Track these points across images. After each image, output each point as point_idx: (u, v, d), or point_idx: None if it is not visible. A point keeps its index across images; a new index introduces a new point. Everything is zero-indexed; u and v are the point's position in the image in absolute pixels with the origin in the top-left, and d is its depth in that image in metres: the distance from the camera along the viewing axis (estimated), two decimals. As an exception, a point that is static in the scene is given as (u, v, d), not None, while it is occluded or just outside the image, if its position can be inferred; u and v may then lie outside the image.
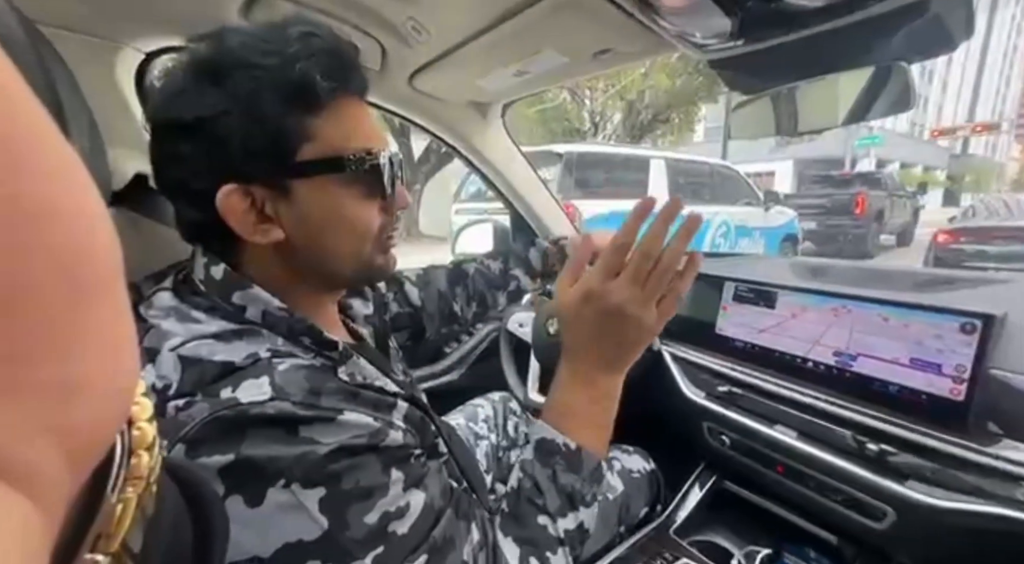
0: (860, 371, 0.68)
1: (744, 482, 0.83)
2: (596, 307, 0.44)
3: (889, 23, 0.48)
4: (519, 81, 0.76)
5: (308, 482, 0.32)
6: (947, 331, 0.61)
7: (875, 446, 0.61)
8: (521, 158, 1.13)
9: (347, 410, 0.35)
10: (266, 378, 0.34)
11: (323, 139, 0.38)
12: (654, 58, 0.69)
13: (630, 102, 9.75)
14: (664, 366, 0.93)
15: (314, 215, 0.39)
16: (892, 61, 0.52)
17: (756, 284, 0.84)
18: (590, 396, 0.47)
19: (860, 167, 15.29)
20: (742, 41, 0.56)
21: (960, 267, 4.55)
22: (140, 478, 0.14)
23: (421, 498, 0.37)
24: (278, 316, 0.39)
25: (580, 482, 0.45)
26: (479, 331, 1.26)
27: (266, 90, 0.35)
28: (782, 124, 0.70)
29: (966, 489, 0.54)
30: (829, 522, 0.71)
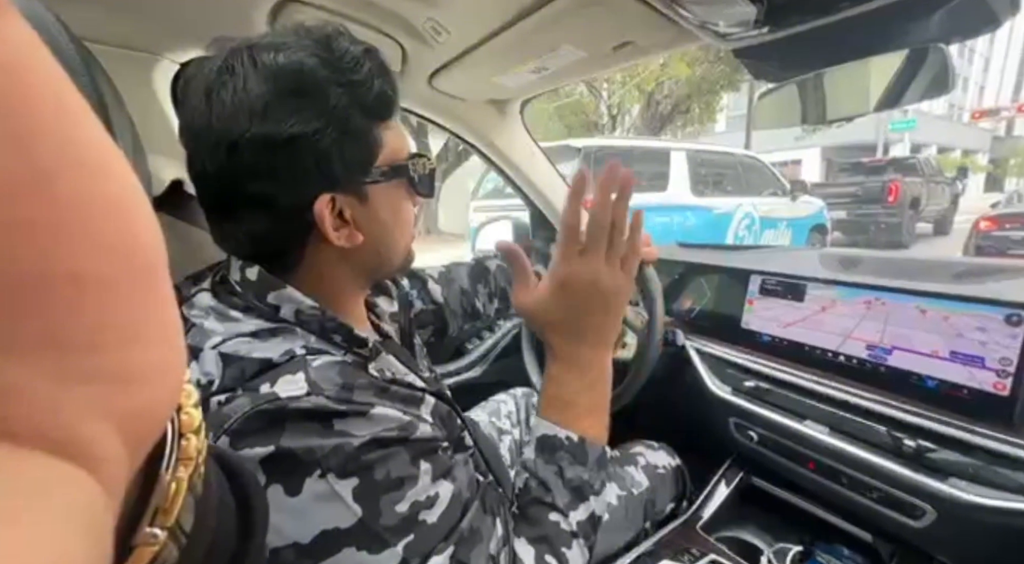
0: (896, 365, 0.66)
1: (773, 478, 0.81)
2: (571, 290, 0.46)
3: (926, 3, 0.46)
4: (537, 78, 0.75)
5: (343, 473, 0.33)
6: (991, 322, 0.58)
7: (912, 442, 0.59)
8: (540, 154, 1.13)
9: (378, 404, 0.37)
10: (302, 374, 0.35)
11: (389, 147, 0.42)
12: (677, 50, 0.68)
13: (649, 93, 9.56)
14: (689, 361, 0.92)
15: (382, 216, 0.43)
16: (929, 43, 0.49)
17: (783, 277, 0.82)
18: (584, 383, 0.48)
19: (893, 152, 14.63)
20: (767, 28, 0.54)
21: (1004, 255, 4.31)
22: (190, 459, 0.15)
23: (449, 489, 0.38)
24: (310, 315, 0.41)
25: (587, 472, 0.45)
26: (501, 327, 1.26)
27: (355, 106, 0.38)
28: (809, 112, 0.68)
29: (1012, 487, 0.52)
30: (864, 520, 0.69)
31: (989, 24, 0.48)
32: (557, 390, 0.48)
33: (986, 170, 25.71)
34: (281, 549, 0.33)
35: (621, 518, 0.73)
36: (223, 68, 0.37)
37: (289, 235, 0.41)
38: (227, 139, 0.36)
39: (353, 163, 0.40)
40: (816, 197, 5.78)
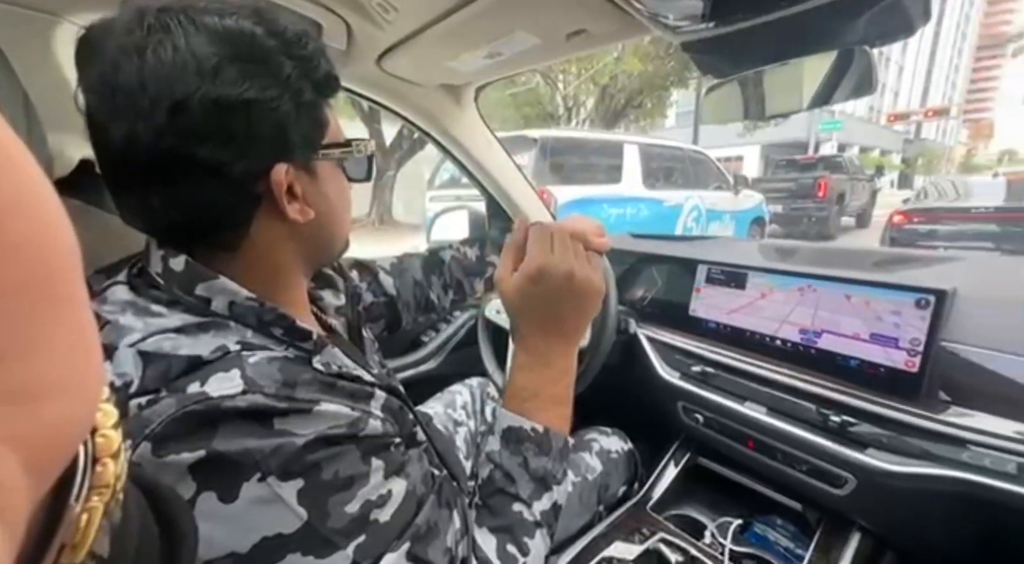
0: (824, 347, 0.71)
1: (717, 457, 0.86)
2: (551, 280, 0.47)
3: (854, 7, 0.49)
4: (492, 63, 0.74)
5: (285, 474, 0.31)
6: (904, 306, 0.64)
7: (837, 418, 0.64)
8: (495, 143, 1.11)
9: (323, 401, 0.35)
10: (236, 371, 0.33)
11: (333, 126, 0.42)
12: (628, 40, 0.68)
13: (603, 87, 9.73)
14: (640, 349, 0.95)
15: (330, 195, 0.43)
16: (856, 45, 0.53)
17: (728, 266, 0.86)
18: (550, 375, 0.49)
19: (823, 151, 15.84)
20: (713, 23, 0.56)
21: (913, 247, 4.80)
22: (106, 487, 0.13)
23: (403, 485, 0.37)
24: (247, 306, 0.38)
25: (551, 463, 0.46)
26: (456, 319, 1.25)
27: (306, 80, 0.38)
28: (750, 108, 0.72)
29: (917, 454, 0.58)
30: (795, 491, 0.74)
31: (906, 30, 0.51)
32: (524, 380, 0.49)
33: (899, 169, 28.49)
34: (216, 561, 0.31)
35: (576, 503, 0.75)
36: (154, 27, 0.33)
37: (236, 207, 0.38)
38: (170, 98, 0.33)
39: (306, 137, 0.39)
40: (756, 191, 6.15)
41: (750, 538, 0.75)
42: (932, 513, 0.59)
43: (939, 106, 31.15)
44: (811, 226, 7.66)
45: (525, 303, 0.48)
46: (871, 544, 0.67)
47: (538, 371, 0.48)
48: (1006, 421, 0.55)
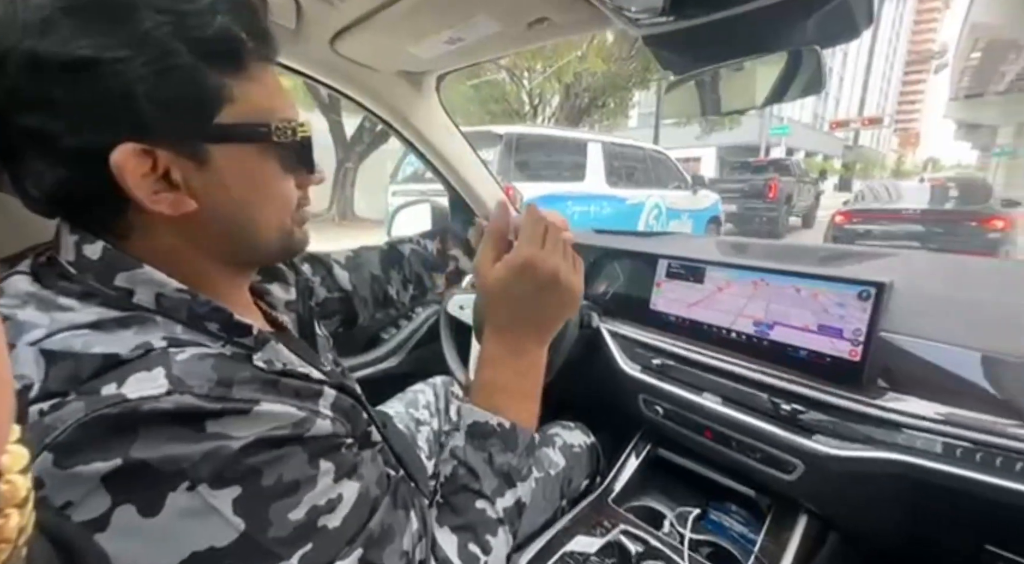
0: (776, 338, 0.74)
1: (676, 448, 0.88)
2: (534, 276, 0.45)
3: (803, 7, 0.51)
4: (453, 50, 0.71)
5: (219, 481, 0.29)
6: (847, 299, 0.67)
7: (788, 406, 0.67)
8: (459, 135, 1.09)
9: (265, 400, 0.32)
10: (161, 369, 0.29)
11: (246, 103, 0.35)
12: (591, 31, 0.68)
13: (568, 85, 9.84)
14: (603, 343, 0.96)
15: (236, 185, 0.36)
16: (807, 45, 0.55)
17: (687, 260, 0.88)
18: (519, 369, 0.47)
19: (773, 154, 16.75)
20: (672, 17, 0.56)
21: (853, 244, 5.15)
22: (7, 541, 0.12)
23: (355, 488, 0.35)
24: (176, 299, 0.34)
25: (516, 459, 0.45)
26: (418, 315, 1.22)
27: (179, 39, 0.31)
28: (707, 105, 0.73)
29: (858, 438, 0.61)
30: (749, 478, 0.77)
31: (851, 32, 0.54)
32: (493, 374, 0.47)
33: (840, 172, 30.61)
34: None
35: (539, 499, 0.74)
36: None
37: (88, 190, 0.33)
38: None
39: (178, 111, 0.32)
40: (713, 191, 6.41)
41: (707, 526, 0.77)
42: (870, 493, 0.63)
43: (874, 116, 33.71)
44: (763, 225, 8.08)
45: (505, 294, 0.47)
46: (817, 526, 0.71)
47: (509, 364, 0.47)
48: (934, 404, 0.59)
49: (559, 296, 0.47)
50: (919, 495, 0.57)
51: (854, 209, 5.72)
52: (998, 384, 0.57)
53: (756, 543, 0.70)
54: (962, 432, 0.55)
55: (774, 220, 8.09)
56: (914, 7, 52.76)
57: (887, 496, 0.61)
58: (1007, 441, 0.52)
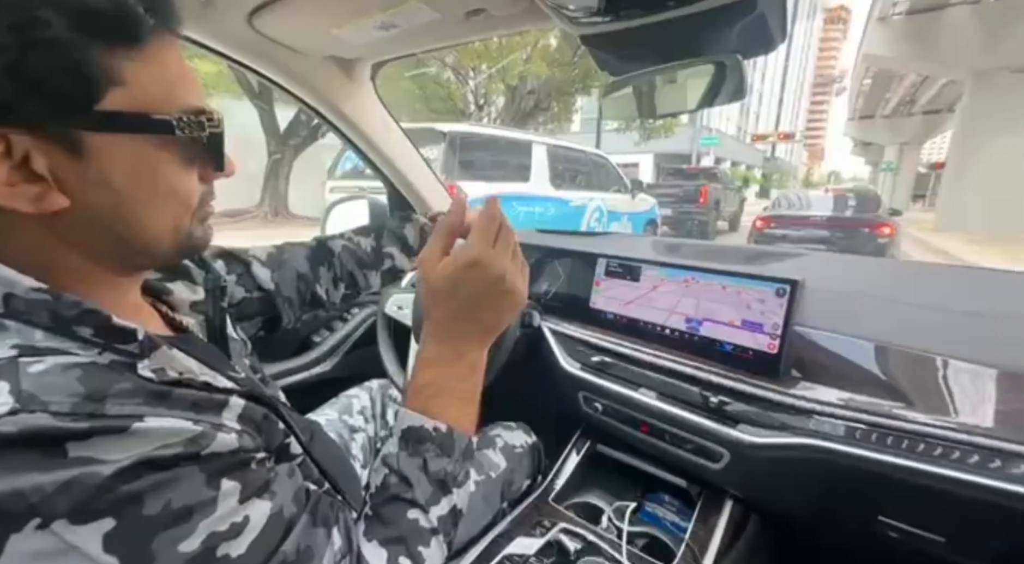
0: (705, 334, 0.78)
1: (615, 443, 0.90)
2: (481, 276, 0.44)
3: (728, 17, 0.53)
4: (387, 37, 0.68)
5: (82, 515, 0.24)
6: (767, 295, 0.72)
7: (715, 398, 0.70)
8: (398, 129, 1.04)
9: (150, 415, 0.28)
10: (5, 385, 0.25)
11: (139, 87, 0.31)
12: (531, 27, 0.67)
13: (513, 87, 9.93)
14: (544, 341, 0.96)
15: (123, 181, 0.32)
16: (730, 53, 0.57)
17: (624, 259, 0.90)
18: (459, 372, 0.46)
19: (704, 162, 18.00)
20: (609, 18, 0.57)
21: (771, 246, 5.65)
22: None
23: (265, 508, 0.32)
24: (32, 301, 0.29)
25: (452, 464, 0.43)
26: (354, 316, 1.15)
27: (52, 8, 0.27)
28: (644, 109, 0.76)
29: (776, 426, 0.66)
30: (681, 469, 0.81)
31: (769, 44, 0.57)
32: (431, 376, 0.45)
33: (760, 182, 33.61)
34: None
35: (479, 503, 0.72)
36: None
37: None
38: None
39: (48, 92, 0.28)
40: (650, 195, 6.75)
41: (643, 517, 0.79)
42: (785, 476, 0.68)
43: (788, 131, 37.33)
44: (695, 228, 8.66)
45: (449, 292, 0.44)
46: (740, 510, 0.75)
47: (447, 365, 0.45)
48: (837, 391, 0.64)
49: (504, 299, 0.45)
50: (824, 475, 0.63)
51: (771, 215, 6.29)
52: (887, 371, 0.63)
53: (687, 530, 0.72)
54: (860, 415, 0.61)
55: (704, 223, 8.70)
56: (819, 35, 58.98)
57: (798, 477, 0.66)
58: (895, 422, 0.58)
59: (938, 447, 0.54)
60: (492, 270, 0.44)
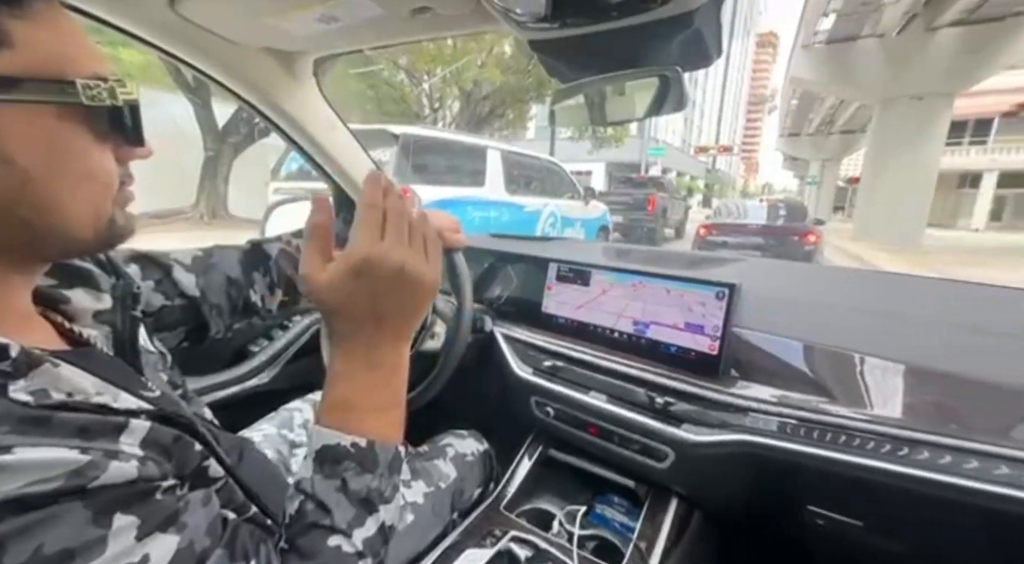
0: (652, 337, 0.80)
1: (566, 447, 0.90)
2: (377, 274, 0.39)
3: (669, 30, 0.55)
4: (329, 31, 0.64)
5: None
6: (708, 298, 0.75)
7: (661, 399, 0.73)
8: (343, 128, 1.00)
9: (21, 445, 0.24)
10: None
11: (32, 50, 0.28)
12: (480, 29, 0.67)
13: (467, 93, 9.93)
14: (497, 347, 0.95)
15: (26, 158, 0.29)
16: (671, 65, 0.60)
17: (574, 264, 0.92)
18: (377, 379, 0.42)
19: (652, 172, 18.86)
20: (557, 24, 0.57)
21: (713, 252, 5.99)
22: None
23: (172, 543, 0.28)
24: None
25: (377, 480, 0.40)
26: (296, 324, 1.09)
27: None
28: (594, 116, 0.77)
29: (716, 424, 0.68)
30: (629, 470, 0.82)
31: (706, 59, 0.60)
32: (345, 390, 0.41)
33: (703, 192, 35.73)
34: None
35: (428, 515, 0.70)
36: None
37: None
38: None
39: None
40: (602, 203, 6.96)
41: (593, 520, 0.80)
42: (725, 472, 0.71)
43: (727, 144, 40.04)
44: (644, 234, 9.03)
45: (345, 301, 0.40)
46: (685, 508, 0.78)
47: (363, 377, 0.41)
48: (771, 389, 0.68)
49: (410, 292, 0.41)
50: (759, 468, 0.66)
51: (713, 223, 6.69)
52: (814, 369, 0.68)
53: (635, 530, 0.74)
54: (791, 411, 0.65)
55: (653, 230, 9.09)
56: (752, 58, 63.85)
57: (736, 472, 0.70)
58: (821, 416, 0.63)
59: (856, 438, 0.59)
60: (387, 265, 0.39)
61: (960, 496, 0.52)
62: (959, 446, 0.54)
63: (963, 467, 0.52)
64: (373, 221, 0.39)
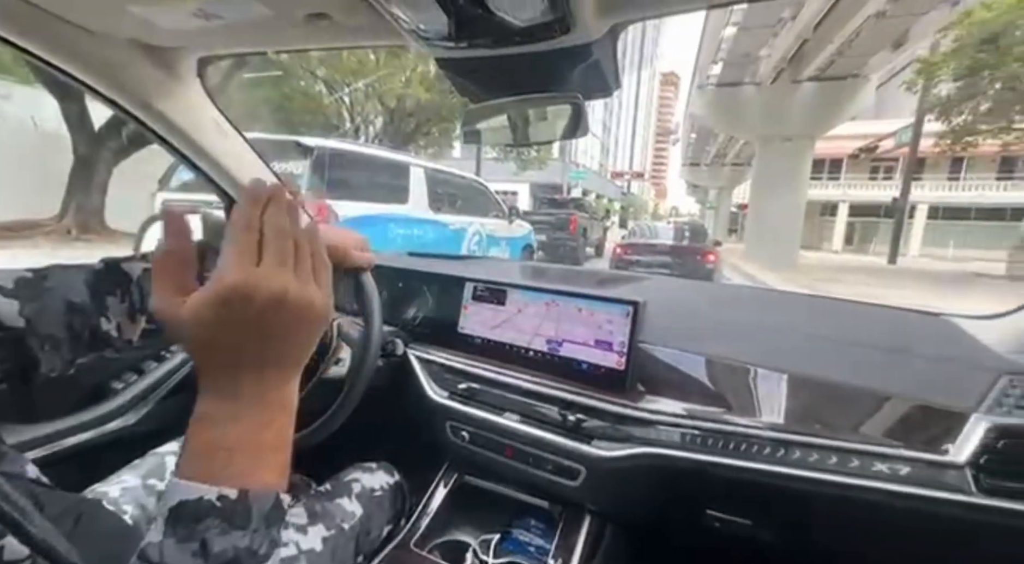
0: (565, 354, 0.81)
1: (481, 473, 0.88)
2: (252, 304, 0.33)
3: (570, 59, 0.57)
4: (210, 27, 0.58)
5: None
6: (616, 316, 0.78)
7: (573, 417, 0.73)
8: (236, 135, 0.91)
9: None
10: None
11: None
12: (385, 43, 0.65)
13: (391, 109, 9.78)
14: (411, 370, 0.91)
15: None
16: (572, 92, 0.62)
17: (490, 283, 0.91)
18: (256, 419, 0.35)
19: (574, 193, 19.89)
20: (464, 44, 0.57)
21: (629, 270, 6.41)
22: None
23: None
24: None
25: (249, 536, 0.33)
26: (173, 356, 0.95)
27: None
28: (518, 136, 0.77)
29: (623, 438, 0.71)
30: (544, 490, 0.82)
31: (605, 90, 0.64)
32: (212, 435, 0.33)
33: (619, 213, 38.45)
34: None
35: (328, 562, 0.63)
36: None
37: None
38: None
39: None
40: (526, 222, 7.15)
41: (509, 547, 0.78)
42: (634, 485, 0.73)
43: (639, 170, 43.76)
44: (567, 253, 9.42)
45: (211, 337, 0.33)
46: (598, 523, 0.79)
47: (234, 420, 0.34)
48: (675, 401, 0.72)
49: (294, 319, 0.35)
50: (664, 479, 0.69)
51: (628, 243, 7.20)
52: (714, 381, 0.73)
53: (550, 551, 0.73)
54: (694, 422, 0.68)
55: (575, 249, 9.52)
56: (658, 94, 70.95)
57: (643, 484, 0.72)
58: (718, 425, 0.67)
59: (743, 443, 0.64)
60: (263, 293, 0.33)
61: (822, 489, 0.58)
62: (823, 444, 0.60)
63: (826, 463, 0.59)
64: (245, 242, 0.34)
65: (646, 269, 6.47)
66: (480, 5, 0.49)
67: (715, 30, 11.59)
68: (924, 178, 20.96)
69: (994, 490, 0.54)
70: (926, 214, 22.11)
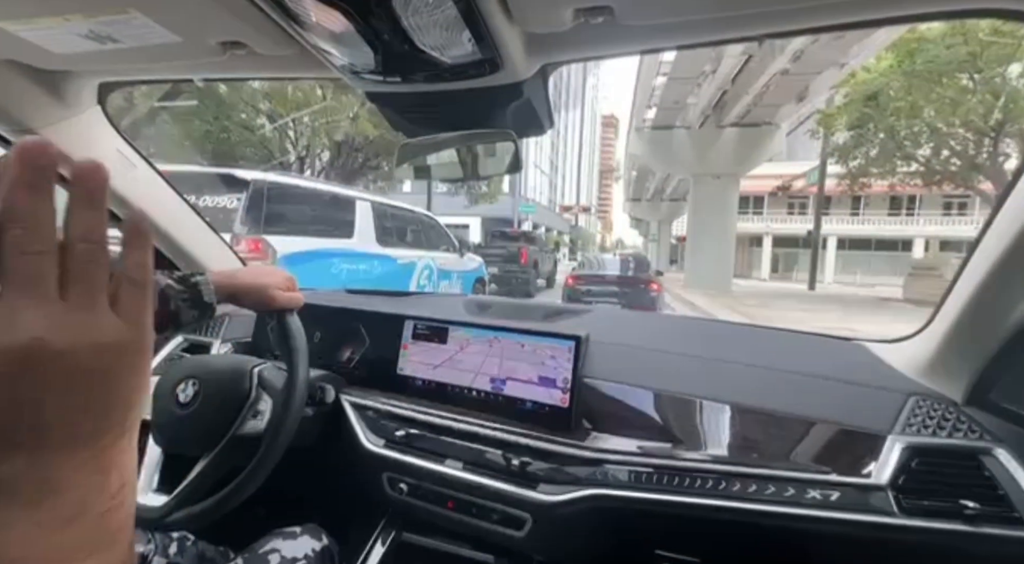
0: (508, 393, 0.78)
1: (421, 528, 0.80)
2: None
3: (502, 98, 0.58)
4: (106, 52, 0.53)
5: None
6: (559, 352, 0.77)
7: (517, 460, 0.69)
8: (147, 167, 0.83)
9: None
10: None
11: None
12: (312, 75, 0.62)
13: (339, 143, 9.67)
14: (344, 419, 0.83)
15: None
16: (506, 129, 0.63)
17: (431, 321, 0.87)
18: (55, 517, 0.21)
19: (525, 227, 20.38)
20: (396, 79, 0.56)
21: (580, 301, 6.54)
22: None
23: None
24: None
25: None
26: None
27: None
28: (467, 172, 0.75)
29: (570, 480, 0.67)
30: (488, 543, 0.76)
31: (539, 129, 0.65)
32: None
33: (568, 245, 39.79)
34: None
35: None
36: None
37: None
38: None
39: None
40: (478, 255, 7.18)
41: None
42: (582, 528, 0.69)
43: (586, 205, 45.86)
44: (519, 285, 9.51)
45: None
46: None
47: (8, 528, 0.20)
48: (623, 439, 0.70)
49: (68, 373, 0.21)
50: (614, 520, 0.66)
51: (579, 274, 7.41)
52: (662, 415, 0.73)
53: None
54: (643, 459, 0.67)
55: (526, 281, 9.66)
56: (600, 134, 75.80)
57: (592, 527, 0.68)
58: (667, 461, 0.66)
59: (689, 478, 0.63)
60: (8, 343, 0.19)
61: (762, 520, 0.58)
62: (761, 474, 0.61)
63: (764, 493, 0.59)
64: None
65: (596, 298, 6.65)
66: (407, 42, 0.48)
67: (647, 78, 12.70)
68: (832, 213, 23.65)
69: (913, 510, 0.56)
70: (836, 245, 24.80)
